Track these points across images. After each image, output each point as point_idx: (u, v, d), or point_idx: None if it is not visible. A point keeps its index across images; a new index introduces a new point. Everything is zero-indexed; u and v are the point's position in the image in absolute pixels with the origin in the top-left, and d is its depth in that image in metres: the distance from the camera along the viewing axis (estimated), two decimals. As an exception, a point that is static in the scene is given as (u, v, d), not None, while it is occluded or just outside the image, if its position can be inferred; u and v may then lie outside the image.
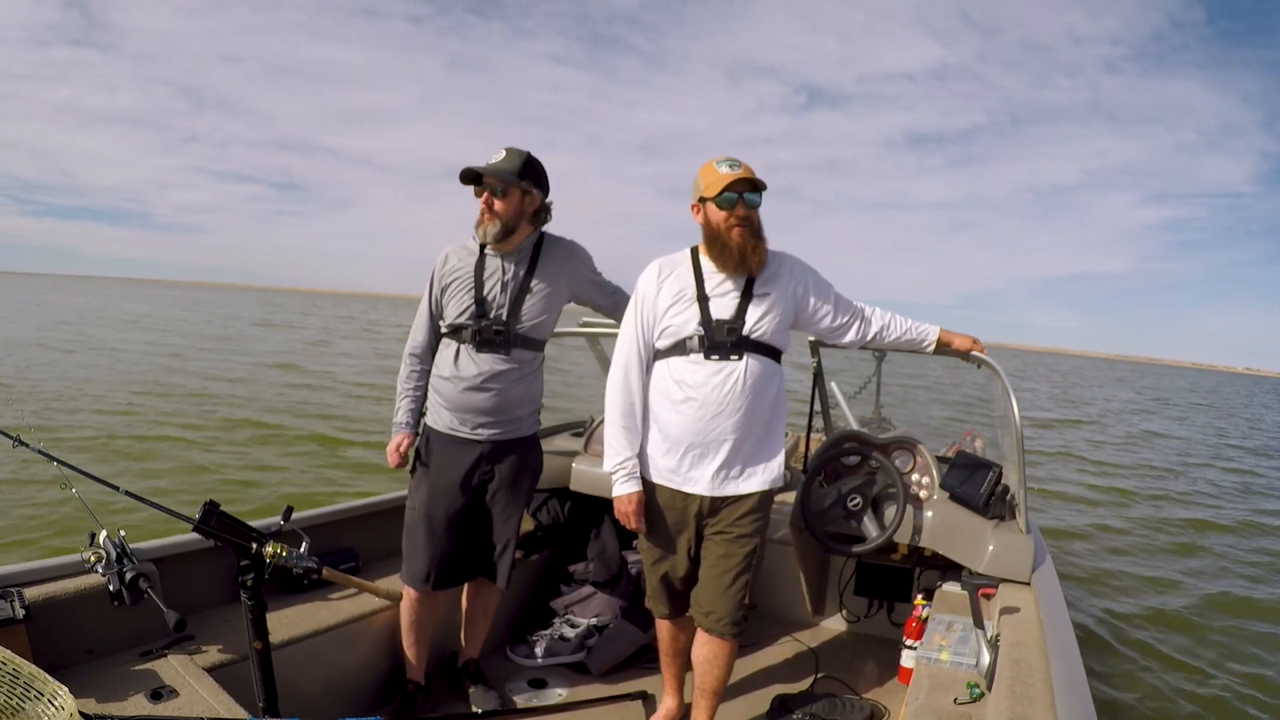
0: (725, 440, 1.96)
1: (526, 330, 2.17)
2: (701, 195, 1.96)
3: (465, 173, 2.11)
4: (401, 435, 2.28)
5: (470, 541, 2.27)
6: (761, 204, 1.96)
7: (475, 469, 2.21)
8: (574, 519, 3.13)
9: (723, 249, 1.94)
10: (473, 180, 2.13)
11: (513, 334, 2.14)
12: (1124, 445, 14.77)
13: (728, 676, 2.13)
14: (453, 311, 2.18)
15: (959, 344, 2.23)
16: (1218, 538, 7.84)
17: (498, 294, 2.15)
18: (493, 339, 2.13)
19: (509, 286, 2.16)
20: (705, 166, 1.98)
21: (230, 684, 1.76)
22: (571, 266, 2.26)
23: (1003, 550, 2.30)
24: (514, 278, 2.16)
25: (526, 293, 2.16)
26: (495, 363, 2.14)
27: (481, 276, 2.17)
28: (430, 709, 2.39)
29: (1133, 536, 7.47)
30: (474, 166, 2.09)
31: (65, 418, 8.62)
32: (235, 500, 5.95)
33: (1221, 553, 7.18)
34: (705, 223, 1.98)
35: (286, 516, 1.83)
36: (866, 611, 3.11)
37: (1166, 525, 8.14)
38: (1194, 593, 5.91)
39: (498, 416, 2.18)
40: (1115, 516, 8.29)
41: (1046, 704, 1.55)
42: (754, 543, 2.04)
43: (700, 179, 1.98)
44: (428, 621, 2.34)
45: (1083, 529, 7.46)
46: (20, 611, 1.64)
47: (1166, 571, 6.40)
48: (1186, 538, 7.77)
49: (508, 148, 2.14)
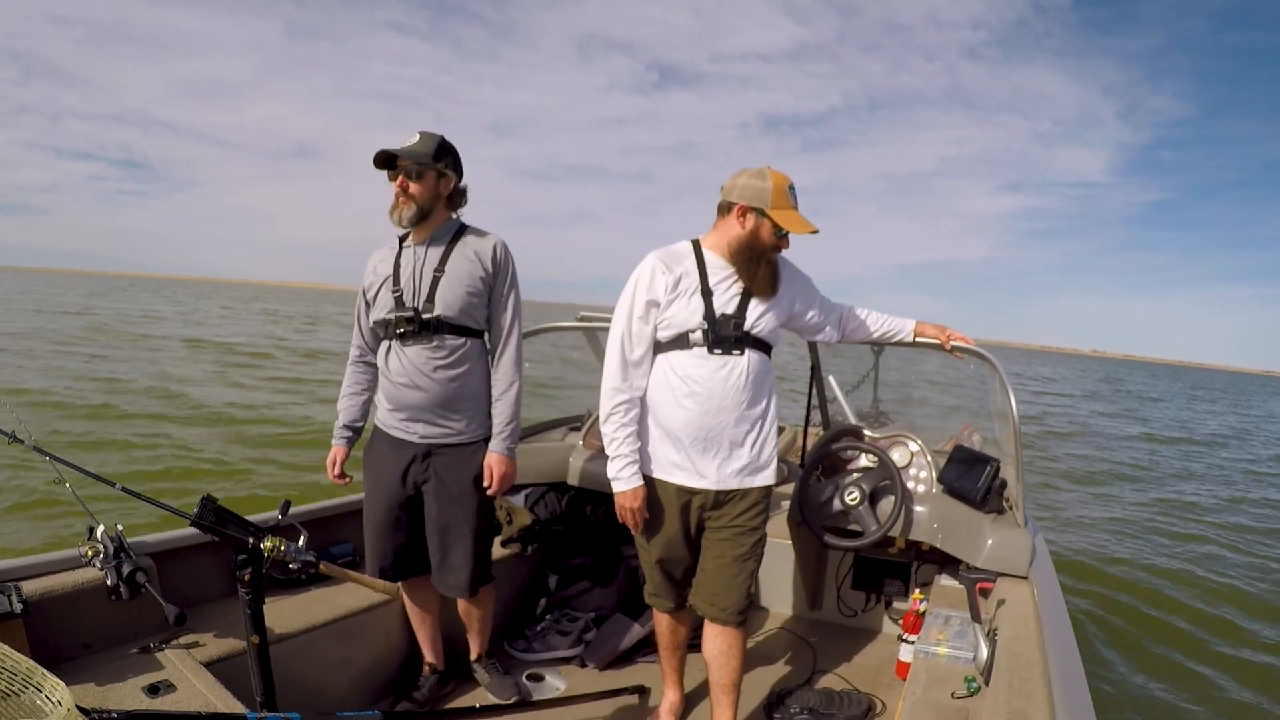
0: (728, 434, 1.96)
1: (448, 316, 2.09)
2: (763, 208, 1.91)
3: (380, 155, 2.07)
4: (335, 449, 2.28)
5: (424, 537, 2.23)
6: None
7: (410, 468, 2.16)
8: (571, 513, 3.13)
9: (749, 261, 1.93)
10: (386, 164, 2.08)
11: (434, 320, 2.08)
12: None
13: (742, 668, 2.12)
14: (378, 310, 2.15)
15: (931, 333, 2.36)
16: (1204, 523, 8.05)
17: (414, 283, 2.10)
18: (414, 329, 2.07)
19: (424, 273, 2.11)
20: (776, 179, 1.92)
21: (228, 678, 1.76)
22: (486, 253, 2.14)
23: (1000, 544, 2.30)
24: (429, 264, 2.11)
25: (441, 276, 2.10)
26: (422, 356, 2.08)
27: (399, 269, 2.13)
28: (448, 693, 2.41)
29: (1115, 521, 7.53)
30: (389, 149, 2.05)
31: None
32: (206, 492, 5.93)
33: (1222, 547, 7.24)
34: (749, 230, 1.93)
35: (284, 511, 1.83)
36: (864, 605, 3.12)
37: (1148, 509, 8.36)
38: (1192, 583, 5.95)
39: (432, 415, 2.12)
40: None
41: (1044, 697, 1.55)
42: (760, 534, 2.05)
43: (765, 188, 1.91)
44: (427, 606, 2.35)
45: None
46: (18, 606, 1.64)
47: (1167, 562, 6.45)
48: (1175, 519, 7.99)
49: (421, 131, 2.10)
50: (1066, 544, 6.60)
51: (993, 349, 2.41)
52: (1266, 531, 8.10)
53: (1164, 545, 7.09)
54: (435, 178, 2.09)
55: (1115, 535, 7.24)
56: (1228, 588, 5.94)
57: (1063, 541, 6.66)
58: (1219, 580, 6.09)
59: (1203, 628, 5.06)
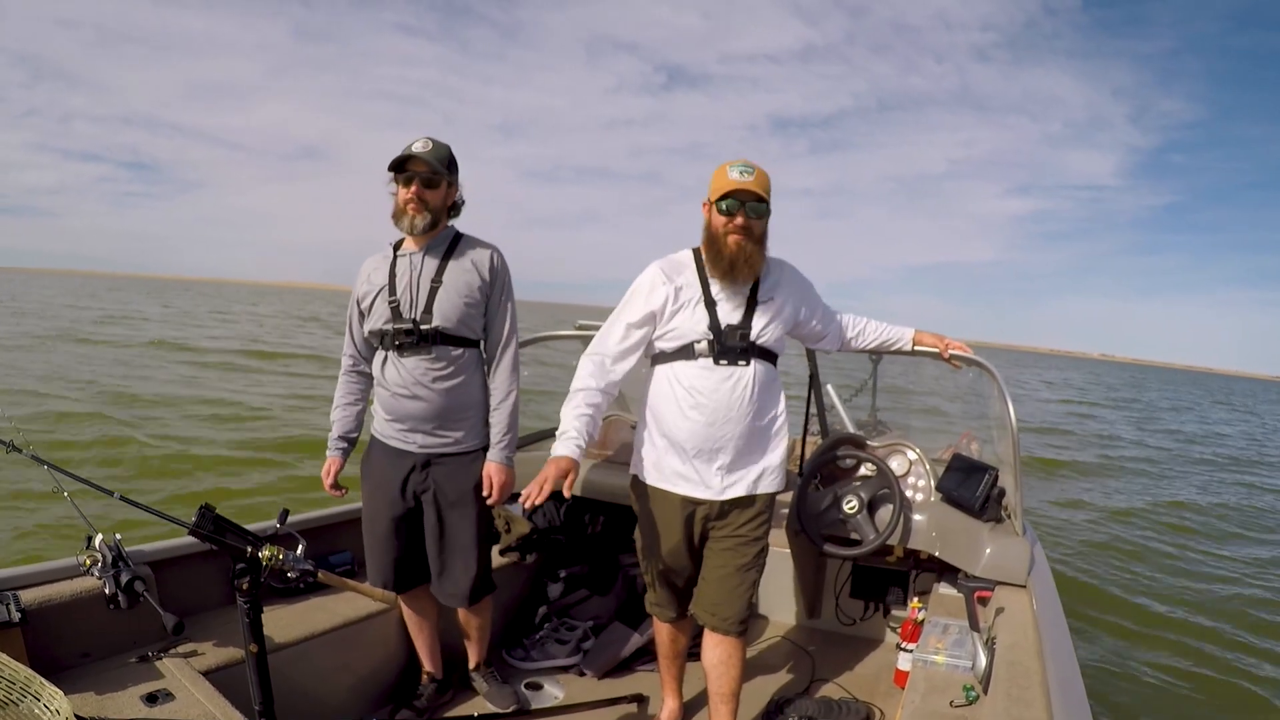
0: (733, 445, 1.95)
1: (445, 326, 2.08)
2: (711, 197, 1.93)
3: (403, 159, 2.02)
4: (331, 460, 2.27)
5: (423, 547, 2.23)
6: (768, 213, 1.92)
7: (409, 478, 2.15)
8: (569, 521, 3.12)
9: (716, 254, 1.92)
10: (400, 167, 2.04)
11: (430, 332, 2.07)
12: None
13: (741, 677, 2.12)
14: (374, 320, 2.13)
15: (930, 342, 2.36)
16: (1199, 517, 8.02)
17: (411, 293, 2.09)
18: (412, 341, 2.06)
19: (421, 284, 2.09)
20: (719, 169, 1.94)
21: (226, 687, 1.75)
22: (484, 263, 2.15)
23: (999, 553, 2.31)
24: (426, 274, 2.10)
25: (439, 286, 2.09)
26: (420, 366, 2.07)
27: (394, 278, 2.12)
28: (446, 701, 2.41)
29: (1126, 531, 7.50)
30: (415, 152, 2.03)
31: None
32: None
33: (1220, 556, 7.23)
34: (707, 224, 1.96)
35: (282, 519, 1.83)
36: (862, 614, 3.12)
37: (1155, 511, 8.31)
38: (1191, 592, 5.94)
39: (431, 425, 2.11)
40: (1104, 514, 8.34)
41: (1042, 706, 1.55)
42: (762, 544, 2.05)
43: (711, 180, 1.95)
44: (425, 615, 2.35)
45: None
46: (16, 615, 1.64)
47: (1164, 569, 6.43)
48: (1174, 517, 7.92)
49: (430, 138, 2.08)
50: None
51: (1000, 352, 2.42)
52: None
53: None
54: (446, 186, 2.10)
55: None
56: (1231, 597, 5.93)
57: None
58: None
59: (1206, 634, 5.05)
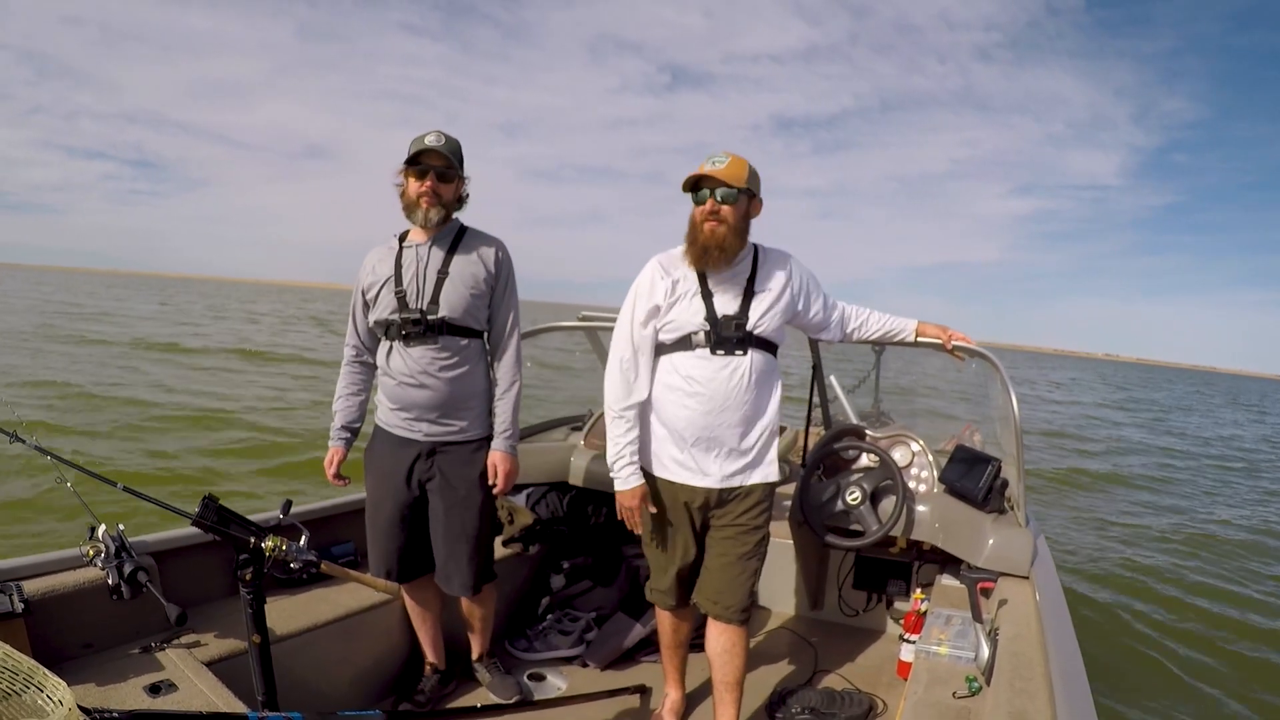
0: (732, 434, 1.96)
1: (451, 317, 2.10)
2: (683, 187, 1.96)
3: (420, 153, 2.04)
4: (333, 450, 2.27)
5: (427, 537, 2.23)
6: (739, 200, 1.90)
7: (414, 467, 2.16)
8: (573, 512, 3.13)
9: (691, 241, 1.95)
10: (415, 160, 2.06)
11: (436, 322, 2.08)
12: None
13: (745, 666, 2.13)
14: (379, 310, 2.14)
15: (933, 333, 2.35)
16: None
17: (417, 284, 2.10)
18: (418, 331, 2.08)
19: (428, 275, 2.11)
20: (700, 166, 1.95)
21: (229, 677, 1.76)
22: (489, 256, 2.17)
23: (1001, 544, 2.30)
24: (432, 265, 2.11)
25: (445, 277, 2.10)
26: (426, 356, 2.08)
27: (400, 269, 2.13)
28: (449, 692, 2.41)
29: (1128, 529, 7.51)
30: (435, 148, 2.04)
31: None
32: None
33: (1226, 549, 7.23)
34: (690, 216, 1.98)
35: (285, 510, 1.83)
36: (865, 605, 3.12)
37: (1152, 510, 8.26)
38: (1193, 585, 5.94)
39: (436, 414, 2.12)
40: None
41: (1045, 697, 1.55)
42: (763, 532, 2.06)
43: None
44: (428, 605, 2.35)
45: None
46: (19, 605, 1.64)
47: (1165, 563, 6.44)
48: (1171, 517, 7.89)
49: (440, 131, 2.09)
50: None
51: (1003, 352, 2.40)
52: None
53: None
54: (457, 180, 2.12)
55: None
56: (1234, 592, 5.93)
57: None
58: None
59: (1209, 626, 5.05)
